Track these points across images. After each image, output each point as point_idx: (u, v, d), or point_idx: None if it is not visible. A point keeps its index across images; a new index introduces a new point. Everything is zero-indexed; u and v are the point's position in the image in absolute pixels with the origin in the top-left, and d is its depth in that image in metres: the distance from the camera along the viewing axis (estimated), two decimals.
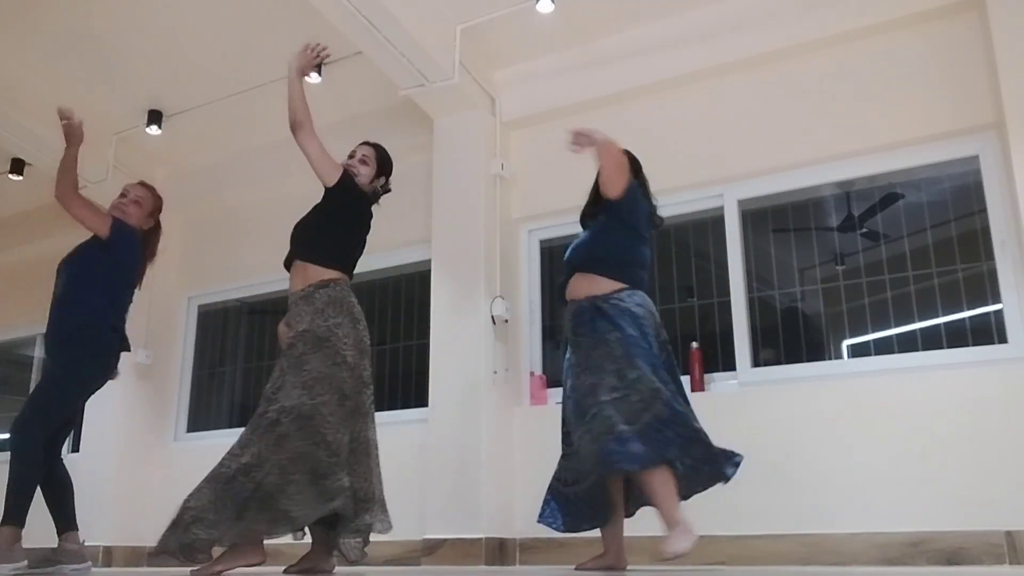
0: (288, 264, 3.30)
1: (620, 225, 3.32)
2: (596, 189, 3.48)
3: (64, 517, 3.57)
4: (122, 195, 3.88)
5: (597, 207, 3.46)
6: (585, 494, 3.19)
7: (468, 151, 5.19)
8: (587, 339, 3.17)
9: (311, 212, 3.35)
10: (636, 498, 3.30)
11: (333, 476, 2.93)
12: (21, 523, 3.32)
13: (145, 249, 3.88)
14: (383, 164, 3.53)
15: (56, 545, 3.56)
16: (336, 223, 3.29)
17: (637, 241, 3.35)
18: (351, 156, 3.51)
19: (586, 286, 3.28)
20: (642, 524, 3.56)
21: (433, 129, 5.35)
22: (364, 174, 3.43)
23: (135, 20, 5.05)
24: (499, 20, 4.91)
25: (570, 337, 3.30)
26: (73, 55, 5.38)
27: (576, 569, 3.41)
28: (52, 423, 3.44)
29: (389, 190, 3.58)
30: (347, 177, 3.32)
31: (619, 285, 3.23)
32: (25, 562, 3.33)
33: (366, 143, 3.56)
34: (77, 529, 3.59)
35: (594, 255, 3.31)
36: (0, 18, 5.03)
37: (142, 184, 3.99)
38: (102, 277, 3.63)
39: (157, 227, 3.98)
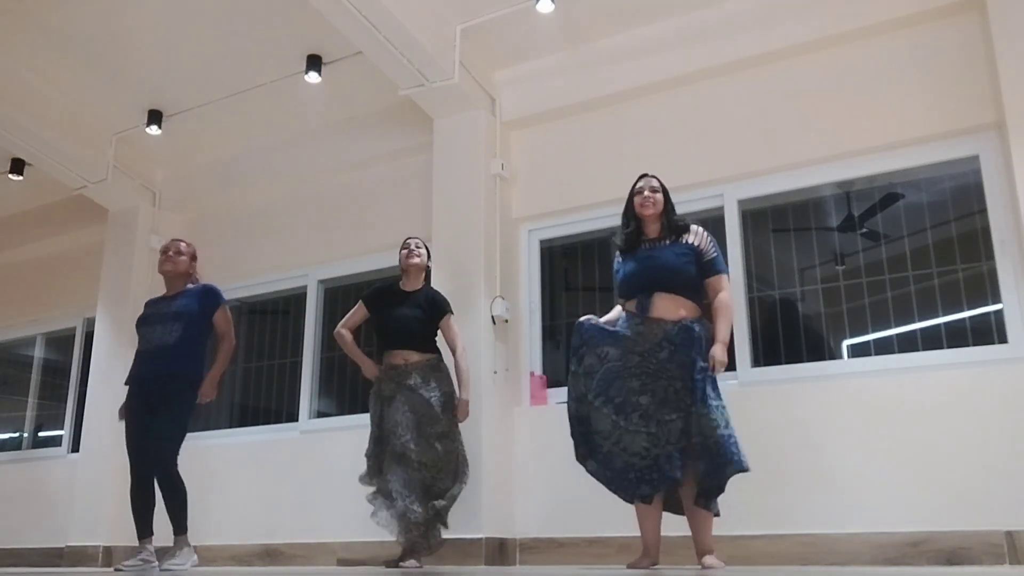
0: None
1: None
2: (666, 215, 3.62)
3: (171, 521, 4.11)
4: (163, 251, 4.37)
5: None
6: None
7: (468, 151, 5.19)
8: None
9: (420, 315, 4.29)
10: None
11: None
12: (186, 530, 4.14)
13: None
14: (427, 248, 4.49)
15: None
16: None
17: None
18: (406, 247, 4.40)
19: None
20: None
21: (433, 129, 5.35)
22: (422, 255, 4.40)
23: (135, 20, 5.06)
24: (499, 20, 4.91)
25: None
26: (73, 55, 5.38)
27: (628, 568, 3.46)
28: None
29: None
30: None
31: None
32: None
33: (411, 238, 4.47)
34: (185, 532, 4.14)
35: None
36: (0, 18, 5.03)
37: (176, 240, 4.48)
38: (207, 330, 4.30)
39: (196, 273, 4.47)
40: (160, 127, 5.93)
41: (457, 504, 4.54)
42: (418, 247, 4.40)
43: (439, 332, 4.37)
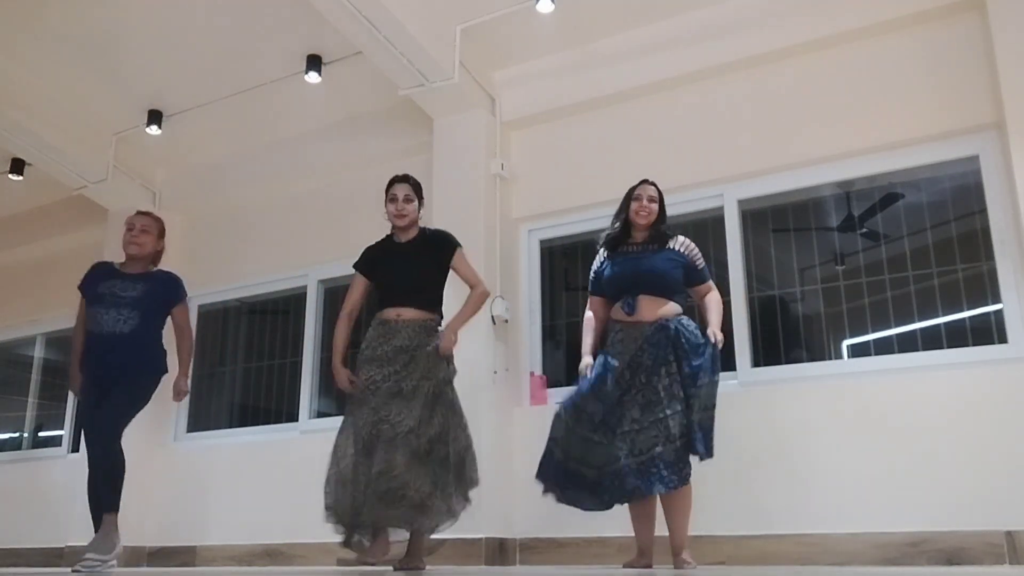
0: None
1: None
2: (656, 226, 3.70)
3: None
4: (129, 229, 4.11)
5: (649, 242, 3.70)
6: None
7: (468, 151, 5.19)
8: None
9: (421, 263, 3.71)
10: None
11: None
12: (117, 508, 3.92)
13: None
14: (419, 192, 3.82)
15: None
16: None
17: None
18: (393, 200, 3.74)
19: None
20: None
21: (433, 129, 5.35)
22: (411, 211, 3.74)
23: (135, 20, 5.06)
24: (499, 20, 4.91)
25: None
26: (73, 55, 5.38)
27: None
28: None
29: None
30: None
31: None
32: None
33: (398, 180, 3.78)
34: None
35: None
36: (0, 18, 5.03)
37: (141, 213, 4.23)
38: (162, 321, 4.13)
39: (163, 248, 4.30)
40: (160, 127, 5.93)
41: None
42: (408, 198, 3.74)
43: (445, 287, 3.79)
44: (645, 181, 3.75)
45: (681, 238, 3.70)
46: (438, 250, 3.75)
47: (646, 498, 3.43)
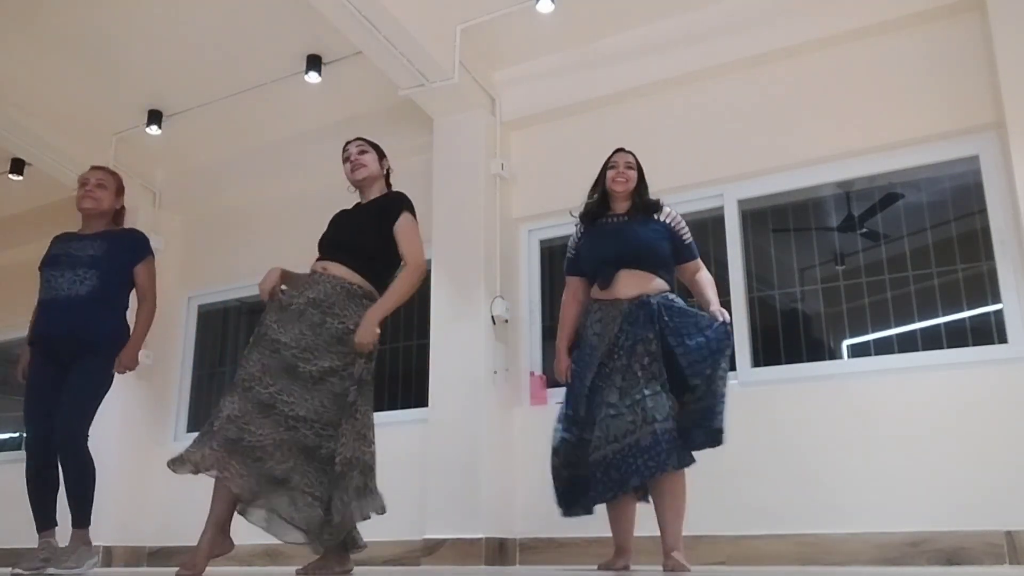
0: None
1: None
2: (638, 196, 3.46)
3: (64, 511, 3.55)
4: (82, 185, 3.71)
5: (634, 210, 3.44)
6: None
7: (468, 151, 5.19)
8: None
9: (361, 223, 3.31)
10: None
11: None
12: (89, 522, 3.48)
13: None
14: (377, 147, 3.47)
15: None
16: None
17: None
18: (347, 159, 3.42)
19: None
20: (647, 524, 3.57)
21: (433, 129, 5.35)
22: (370, 162, 3.38)
23: (135, 20, 5.06)
24: (499, 20, 4.91)
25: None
26: (73, 55, 5.38)
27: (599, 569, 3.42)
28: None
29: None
30: None
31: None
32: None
33: (351, 141, 3.46)
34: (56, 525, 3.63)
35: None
36: (0, 18, 5.03)
37: (96, 168, 3.84)
38: (127, 286, 3.70)
39: (123, 207, 3.91)
40: (160, 127, 5.93)
41: (457, 503, 4.53)
42: (362, 151, 3.37)
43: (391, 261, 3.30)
44: (620, 149, 3.55)
45: (667, 208, 3.40)
46: (384, 210, 3.26)
47: (619, 497, 3.21)
